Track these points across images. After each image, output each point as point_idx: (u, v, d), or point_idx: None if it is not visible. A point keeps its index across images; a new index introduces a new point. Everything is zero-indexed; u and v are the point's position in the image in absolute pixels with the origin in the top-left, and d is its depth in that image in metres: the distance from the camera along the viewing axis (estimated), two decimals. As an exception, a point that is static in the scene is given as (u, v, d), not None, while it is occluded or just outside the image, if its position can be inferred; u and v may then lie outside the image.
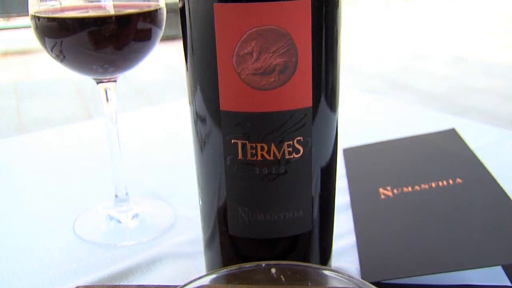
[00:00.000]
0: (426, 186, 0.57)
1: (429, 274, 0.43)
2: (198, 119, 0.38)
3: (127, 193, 0.56)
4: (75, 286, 0.42)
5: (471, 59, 4.48)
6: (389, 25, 7.04)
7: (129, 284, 0.44)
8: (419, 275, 0.44)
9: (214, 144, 0.37)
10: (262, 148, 0.36)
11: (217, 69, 0.35)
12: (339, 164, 0.55)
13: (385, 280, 0.43)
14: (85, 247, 0.52)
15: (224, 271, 0.28)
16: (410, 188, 0.57)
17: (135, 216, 0.56)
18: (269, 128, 0.35)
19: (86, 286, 0.42)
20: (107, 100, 0.55)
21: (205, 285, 0.30)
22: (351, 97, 1.05)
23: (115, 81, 0.53)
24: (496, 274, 0.45)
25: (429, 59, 4.59)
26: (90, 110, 3.32)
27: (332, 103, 0.38)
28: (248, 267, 0.28)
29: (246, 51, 0.34)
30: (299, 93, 0.35)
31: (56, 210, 0.61)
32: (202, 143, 0.39)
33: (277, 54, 0.34)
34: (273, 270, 0.28)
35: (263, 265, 0.28)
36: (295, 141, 0.36)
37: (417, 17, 7.86)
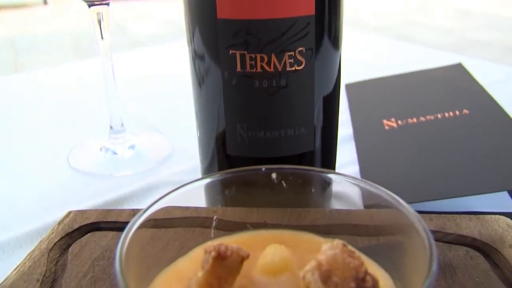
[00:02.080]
0: (432, 117, 0.55)
1: (433, 200, 0.42)
2: (195, 31, 0.36)
3: (122, 125, 0.55)
4: (67, 211, 0.41)
5: (475, 12, 4.40)
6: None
7: (123, 208, 0.43)
8: (423, 201, 0.42)
9: (212, 58, 0.35)
10: (262, 59, 0.34)
11: (213, -27, 0.32)
12: (342, 98, 0.53)
13: (385, 203, 0.42)
14: (80, 178, 0.51)
15: (218, 175, 0.27)
16: (415, 119, 0.55)
17: (131, 147, 0.54)
18: (270, 36, 0.33)
19: (78, 210, 0.41)
20: (102, 37, 0.53)
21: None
22: (353, 38, 1.02)
23: (107, 4, 0.50)
24: (502, 200, 0.44)
25: (433, 12, 4.51)
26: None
27: (336, 13, 0.35)
28: (246, 170, 0.26)
29: (244, -50, 0.31)
30: (301, -2, 0.33)
31: (51, 144, 0.59)
32: (199, 59, 0.37)
33: (278, -47, 0.31)
34: (273, 175, 0.27)
35: (263, 169, 0.26)
36: (296, 51, 0.34)
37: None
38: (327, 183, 0.26)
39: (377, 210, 0.35)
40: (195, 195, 0.27)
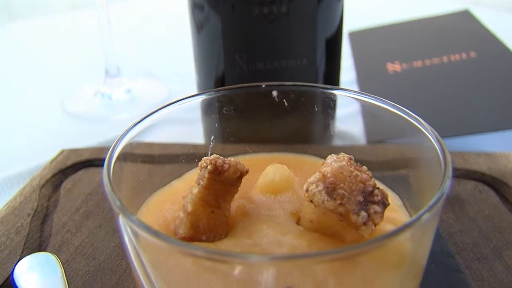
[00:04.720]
0: (437, 60, 0.53)
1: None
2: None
3: (118, 69, 0.53)
4: (60, 150, 0.39)
5: (479, -25, 4.32)
6: None
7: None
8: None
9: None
10: (262, -18, 0.32)
11: None
12: (345, 46, 0.51)
13: (388, 139, 0.40)
14: (75, 121, 0.49)
15: (212, 92, 0.25)
16: (420, 63, 0.53)
17: (127, 91, 0.53)
18: (270, -43, 0.31)
19: (72, 149, 0.39)
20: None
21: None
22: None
23: None
24: (509, 141, 0.42)
25: (436, -26, 4.43)
26: (85, 27, 3.22)
27: None
28: (245, 87, 0.25)
29: None
30: None
31: (46, 90, 0.57)
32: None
33: None
34: (274, 93, 0.25)
35: (263, 85, 0.25)
36: (299, -26, 0.32)
37: None
38: (332, 100, 0.25)
39: (381, 145, 0.34)
40: (191, 112, 0.25)
